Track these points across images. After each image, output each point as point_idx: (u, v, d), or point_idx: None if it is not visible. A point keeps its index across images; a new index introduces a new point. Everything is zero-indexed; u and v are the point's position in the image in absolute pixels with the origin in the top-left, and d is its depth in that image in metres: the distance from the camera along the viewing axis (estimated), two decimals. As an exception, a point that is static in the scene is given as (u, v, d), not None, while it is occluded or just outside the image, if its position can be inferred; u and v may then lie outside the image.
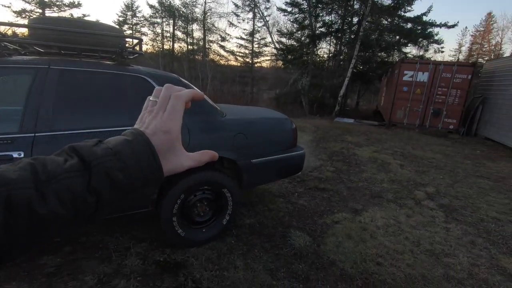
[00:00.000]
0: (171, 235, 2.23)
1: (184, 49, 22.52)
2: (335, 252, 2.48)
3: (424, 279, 2.22)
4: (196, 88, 2.50)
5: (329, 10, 13.56)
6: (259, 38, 19.58)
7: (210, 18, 20.21)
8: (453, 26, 12.31)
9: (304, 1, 13.44)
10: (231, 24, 18.67)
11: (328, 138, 7.44)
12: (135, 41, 2.47)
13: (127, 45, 2.38)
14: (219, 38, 21.32)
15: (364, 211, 3.30)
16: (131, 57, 2.26)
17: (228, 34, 23.97)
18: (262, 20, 16.36)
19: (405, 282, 2.17)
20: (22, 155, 1.64)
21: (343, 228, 2.87)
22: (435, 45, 13.52)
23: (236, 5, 17.74)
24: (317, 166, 4.92)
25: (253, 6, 17.09)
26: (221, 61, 21.95)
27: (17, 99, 1.83)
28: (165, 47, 22.73)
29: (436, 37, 12.75)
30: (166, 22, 22.66)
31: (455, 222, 3.20)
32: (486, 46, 34.50)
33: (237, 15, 18.27)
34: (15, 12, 13.82)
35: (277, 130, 2.71)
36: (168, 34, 21.99)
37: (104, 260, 2.17)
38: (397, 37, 13.02)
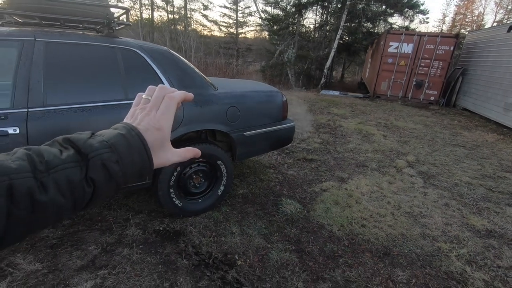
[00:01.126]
0: (169, 206, 2.32)
1: (164, 18, 21.38)
2: (323, 217, 2.66)
3: (403, 237, 2.45)
4: (184, 60, 2.49)
5: (316, -23, 13.09)
6: (244, 6, 18.85)
7: (191, -16, 19.07)
8: (438, -5, 12.25)
9: (290, -33, 12.87)
10: (213, -9, 17.70)
11: (314, 111, 7.55)
12: (121, 11, 2.39)
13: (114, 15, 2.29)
14: (201, 7, 20.34)
15: (350, 179, 3.49)
16: (118, 28, 2.18)
17: (211, 2, 22.84)
18: (246, -13, 15.63)
19: (387, 240, 2.40)
20: (18, 131, 1.63)
21: (330, 195, 3.05)
22: (421, 16, 13.53)
23: (219, -30, 16.75)
24: (305, 138, 5.06)
25: (236, -29, 16.21)
26: (203, 31, 21.12)
27: (4, 73, 1.77)
28: (144, 16, 21.49)
29: (421, 7, 12.71)
30: (144, -11, 21.20)
31: (432, 187, 3.46)
32: (469, 16, 34.66)
33: (220, -18, 17.31)
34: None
35: (268, 103, 2.76)
36: (147, 2, 20.69)
37: (105, 231, 2.25)
38: (384, 6, 12.86)
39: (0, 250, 0.32)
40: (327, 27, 14.32)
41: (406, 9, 12.56)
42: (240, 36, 18.98)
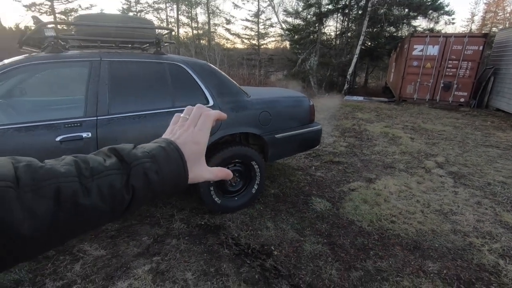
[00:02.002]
0: (209, 203, 2.57)
1: (189, 34, 22.46)
2: (353, 214, 2.78)
3: (434, 233, 2.51)
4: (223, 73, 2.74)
5: (336, -14, 13.29)
6: (265, 19, 19.39)
7: (214, 1, 19.95)
8: (464, -5, 11.97)
9: (310, -22, 13.19)
10: (235, 6, 18.45)
11: (339, 116, 7.63)
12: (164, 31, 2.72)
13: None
14: (224, 21, 21.17)
15: (377, 180, 3.58)
16: (165, 45, 2.51)
17: (233, 16, 23.68)
18: (267, 0, 16.14)
19: (417, 235, 2.47)
20: (90, 135, 1.95)
21: (359, 195, 3.16)
22: (446, 17, 13.21)
23: (240, -14, 17.45)
24: (331, 142, 5.17)
25: (257, -15, 16.80)
26: (226, 44, 21.89)
27: (79, 88, 2.12)
28: (170, 33, 22.65)
29: (446, 8, 12.45)
30: (170, 7, 22.54)
31: (463, 187, 3.46)
32: (500, 14, 33.06)
33: (241, -4, 18.01)
34: (25, 6, 14.10)
35: (296, 107, 2.96)
36: (173, 20, 21.90)
37: (154, 225, 2.53)
38: (406, 10, 12.74)
39: (43, 252, 0.34)
40: (349, 34, 14.37)
41: (430, 11, 12.36)
42: (261, 46, 19.47)
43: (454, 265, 2.13)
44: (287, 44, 18.57)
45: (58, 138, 1.86)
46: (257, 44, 19.08)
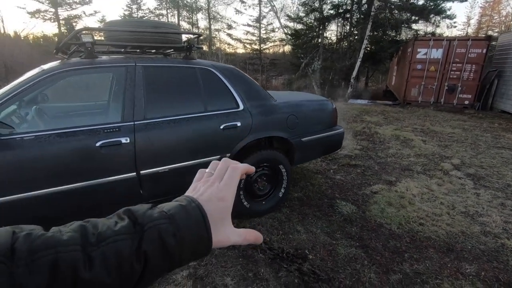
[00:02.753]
0: (238, 207, 2.56)
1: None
2: (380, 217, 2.78)
3: (464, 235, 2.51)
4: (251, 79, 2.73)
5: (338, -9, 13.43)
6: (266, 23, 19.53)
7: (215, 7, 20.13)
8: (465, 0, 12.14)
9: (312, -17, 13.33)
10: (237, 11, 18.61)
11: (347, 119, 7.66)
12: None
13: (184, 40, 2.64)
14: (225, 26, 21.32)
15: (398, 182, 3.58)
16: (194, 50, 2.52)
17: (235, 22, 23.84)
18: (268, 5, 16.30)
19: (447, 237, 2.47)
20: (128, 140, 1.95)
21: (382, 197, 3.16)
22: (447, 21, 13.36)
23: (242, -9, 17.64)
24: (344, 145, 5.18)
25: (258, -9, 16.99)
26: (227, 49, 22.01)
27: (115, 94, 2.12)
28: (171, 38, 22.76)
29: (448, 12, 12.60)
30: (171, 13, 22.66)
31: (483, 188, 3.47)
32: (496, 17, 33.52)
33: (243, 2, 18.18)
34: (29, 12, 14.17)
35: (321, 111, 2.98)
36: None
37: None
38: (408, 14, 12.88)
39: None
40: (351, 38, 14.49)
41: (432, 15, 12.51)
42: (264, 51, 19.59)
43: (491, 267, 2.13)
44: (289, 48, 18.70)
45: (98, 144, 1.86)
46: (258, 48, 19.19)
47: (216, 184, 0.41)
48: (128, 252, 0.32)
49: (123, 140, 1.94)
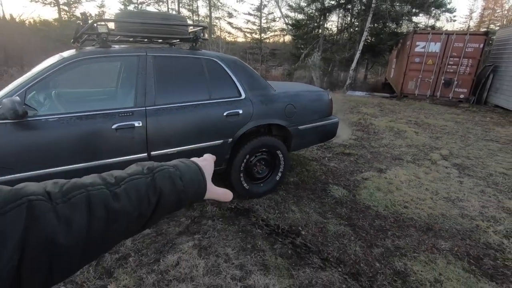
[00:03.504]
0: (239, 188, 2.78)
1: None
2: (369, 200, 3.02)
3: (443, 216, 2.76)
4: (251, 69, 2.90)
5: (339, -19, 13.38)
6: (267, 13, 19.43)
7: (216, -6, 19.92)
8: (466, -7, 12.15)
9: (314, -27, 13.27)
10: (238, -1, 18.43)
11: (344, 111, 7.85)
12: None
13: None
14: (226, 15, 21.16)
15: (388, 170, 3.82)
16: (200, 42, 2.69)
17: (236, 10, 23.58)
18: (269, -6, 16.19)
19: (428, 219, 2.72)
20: (141, 124, 2.15)
21: (372, 183, 3.40)
22: (447, 14, 13.42)
23: (243, -21, 17.46)
24: (340, 135, 5.40)
25: (260, -21, 16.81)
26: (227, 38, 21.90)
27: (128, 80, 2.31)
28: (171, 25, 22.53)
29: (448, 6, 12.65)
30: (172, 0, 22.36)
31: (467, 177, 3.71)
32: (498, 11, 33.31)
33: (244, -10, 17.99)
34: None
35: (318, 101, 3.18)
36: (174, 12, 21.78)
37: (188, 209, 2.74)
38: (409, 6, 12.91)
39: (81, 265, 0.35)
40: (351, 29, 14.52)
41: (433, 8, 12.56)
42: (264, 40, 19.54)
43: (463, 244, 2.38)
44: (289, 38, 18.66)
45: (114, 126, 2.06)
46: (259, 38, 19.14)
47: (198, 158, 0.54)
48: (145, 188, 0.40)
49: (136, 124, 2.14)
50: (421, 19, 14.54)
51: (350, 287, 1.91)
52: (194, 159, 0.52)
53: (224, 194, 0.53)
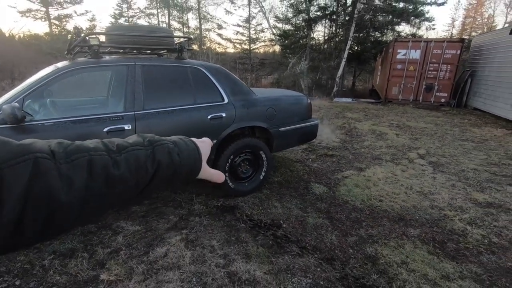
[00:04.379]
0: (224, 187, 2.96)
1: (181, 39, 22.76)
2: (347, 195, 3.23)
3: (415, 208, 2.99)
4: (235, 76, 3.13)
5: (324, -7, 13.96)
6: (256, 24, 19.95)
7: (205, 7, 20.42)
8: (442, 3, 12.84)
9: (299, -14, 13.82)
10: (227, 11, 18.96)
11: (330, 116, 8.14)
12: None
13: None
14: (216, 26, 21.63)
15: (367, 169, 4.05)
16: (185, 51, 2.91)
17: (225, 22, 24.12)
18: (258, 6, 16.72)
19: (401, 210, 2.94)
20: (130, 127, 2.33)
21: (351, 181, 3.62)
22: (427, 23, 14.06)
23: (231, -8, 18.01)
24: (324, 138, 5.65)
25: (248, -8, 17.37)
26: (218, 49, 22.33)
27: (118, 88, 2.50)
28: (162, 38, 22.89)
29: (427, 15, 13.28)
30: (162, 13, 22.81)
31: (441, 173, 3.97)
32: (479, 19, 34.78)
33: (233, 2, 18.55)
34: (20, 12, 14.21)
35: (297, 104, 3.41)
36: (165, 25, 22.17)
37: (177, 207, 2.91)
38: (390, 16, 13.50)
39: (78, 225, 0.38)
40: (337, 39, 15.05)
41: (412, 17, 13.17)
42: (253, 51, 19.99)
43: (431, 231, 2.60)
44: (277, 48, 19.17)
45: (105, 129, 2.24)
46: (248, 48, 19.59)
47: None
48: (144, 158, 0.42)
49: (126, 127, 2.32)
50: (404, 28, 15.20)
51: (324, 270, 2.10)
52: (193, 139, 0.54)
53: (217, 175, 0.57)
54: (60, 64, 2.32)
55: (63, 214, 0.34)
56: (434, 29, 32.47)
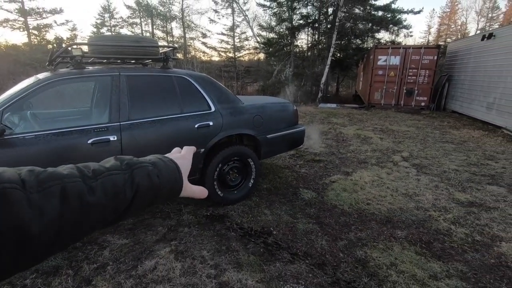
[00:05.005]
0: (213, 196, 2.94)
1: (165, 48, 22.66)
2: (335, 200, 3.27)
3: (401, 210, 3.05)
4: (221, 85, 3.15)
5: (306, 2, 14.33)
6: (240, 32, 20.17)
7: (189, 16, 20.49)
8: (419, 12, 13.42)
9: (282, -5, 14.13)
10: (211, 20, 19.07)
11: (316, 121, 8.27)
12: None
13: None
14: (200, 35, 21.70)
15: (354, 173, 4.12)
16: (170, 61, 2.90)
17: (209, 31, 24.26)
18: (241, 15, 16.93)
19: (388, 212, 3.00)
20: (116, 138, 2.29)
21: (339, 185, 3.67)
22: (405, 30, 14.64)
23: (215, 2, 18.17)
24: (311, 144, 5.72)
25: (231, 1, 17.57)
26: (202, 57, 22.37)
27: (102, 99, 2.45)
28: (146, 47, 22.73)
29: (404, 23, 13.85)
30: (145, 22, 22.71)
31: (424, 175, 4.09)
32: (453, 26, 36.54)
33: (217, 12, 18.70)
34: (-4, 22, 13.76)
35: (283, 111, 3.45)
36: (148, 34, 22.05)
37: (165, 218, 2.85)
38: (370, 24, 13.97)
39: (51, 255, 0.35)
40: (320, 46, 15.40)
41: (391, 25, 13.68)
42: (238, 59, 20.13)
43: (417, 232, 2.66)
44: (262, 56, 19.40)
45: (89, 141, 2.19)
46: (233, 56, 19.72)
47: (178, 154, 0.55)
48: (122, 183, 0.40)
49: (111, 138, 2.28)
50: (384, 35, 15.74)
51: (316, 275, 2.10)
52: (174, 155, 0.53)
53: (199, 191, 0.55)
54: (41, 76, 2.26)
55: (35, 247, 0.32)
56: (412, 36, 33.99)
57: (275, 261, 2.24)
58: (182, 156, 0.54)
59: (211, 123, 2.78)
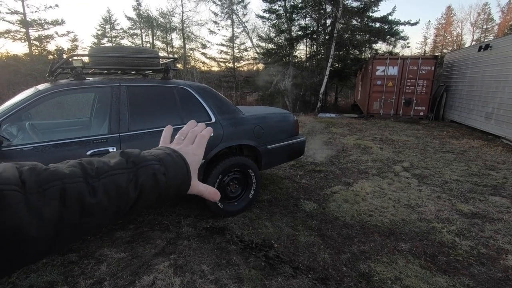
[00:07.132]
0: (213, 207, 2.89)
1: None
2: (337, 211, 3.23)
3: (404, 222, 3.01)
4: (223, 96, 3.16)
5: (304, 14, 14.57)
6: (239, 43, 20.38)
7: (189, 27, 20.76)
8: (415, 23, 13.67)
9: (281, 8, 14.36)
10: (211, 31, 19.31)
11: (315, 131, 8.27)
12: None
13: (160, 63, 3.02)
14: (199, 46, 21.93)
15: (355, 183, 4.08)
16: (171, 72, 2.90)
17: (209, 41, 24.57)
18: (241, 26, 17.15)
19: (391, 224, 2.95)
20: (115, 150, 2.26)
21: (340, 196, 3.63)
22: (402, 41, 14.86)
23: (215, 13, 18.44)
24: (311, 154, 5.70)
25: (231, 13, 17.83)
26: (202, 67, 22.55)
27: (102, 110, 2.44)
28: (146, 57, 22.92)
29: (401, 34, 14.06)
30: (145, 33, 22.97)
31: (425, 185, 4.05)
32: (448, 37, 37.16)
33: (216, 23, 18.95)
34: (-1, 33, 13.86)
35: (284, 122, 3.43)
36: (148, 45, 22.28)
37: (164, 230, 2.80)
38: (368, 35, 14.18)
39: (50, 254, 0.35)
40: (318, 57, 15.57)
41: (388, 36, 13.89)
42: (237, 69, 20.30)
43: (421, 244, 2.61)
44: (261, 66, 19.57)
45: (88, 152, 2.16)
46: (232, 67, 19.89)
47: (190, 146, 0.52)
48: (125, 183, 0.39)
49: (111, 149, 2.25)
50: (381, 46, 15.95)
51: (319, 290, 2.04)
52: (184, 149, 0.50)
53: (208, 194, 0.53)
54: (41, 86, 2.25)
55: (31, 249, 0.31)
56: (409, 47, 34.55)
57: (277, 276, 2.18)
58: (193, 152, 0.51)
59: (211, 134, 2.76)
